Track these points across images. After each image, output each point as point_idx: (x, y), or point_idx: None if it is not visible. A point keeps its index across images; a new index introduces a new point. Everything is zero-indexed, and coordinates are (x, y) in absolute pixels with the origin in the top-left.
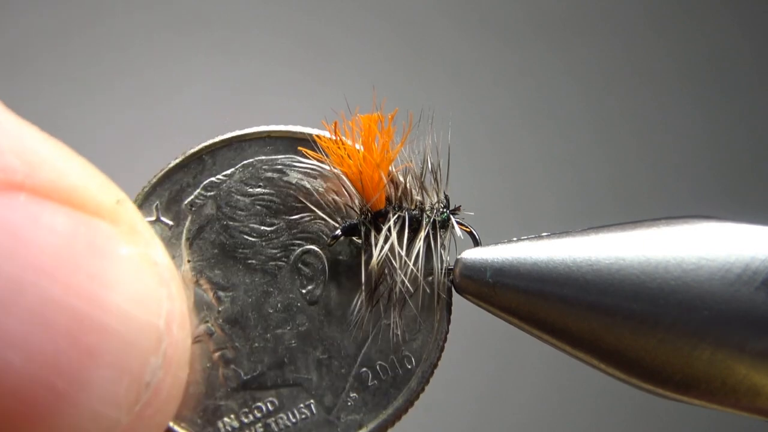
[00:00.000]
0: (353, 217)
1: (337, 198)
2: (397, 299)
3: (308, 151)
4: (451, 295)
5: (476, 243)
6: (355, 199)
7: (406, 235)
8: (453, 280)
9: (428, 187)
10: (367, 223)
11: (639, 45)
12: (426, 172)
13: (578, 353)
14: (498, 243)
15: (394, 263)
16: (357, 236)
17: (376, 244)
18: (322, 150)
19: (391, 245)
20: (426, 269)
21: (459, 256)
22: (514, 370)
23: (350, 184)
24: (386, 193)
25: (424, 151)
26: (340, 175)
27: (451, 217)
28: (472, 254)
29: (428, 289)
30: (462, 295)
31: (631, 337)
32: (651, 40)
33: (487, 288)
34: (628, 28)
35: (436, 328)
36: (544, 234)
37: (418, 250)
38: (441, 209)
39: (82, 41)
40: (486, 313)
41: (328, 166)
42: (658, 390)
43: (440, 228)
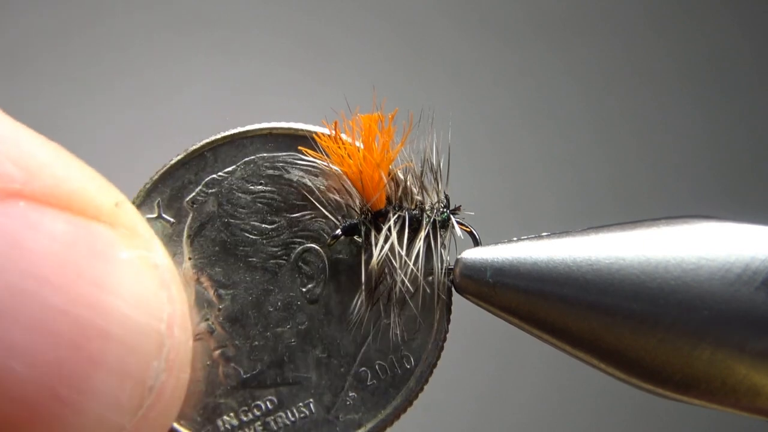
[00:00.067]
0: (353, 216)
1: (338, 197)
2: (396, 299)
3: (308, 151)
4: (451, 295)
5: (476, 243)
6: (356, 199)
7: (406, 235)
8: (453, 280)
9: (428, 187)
10: (367, 223)
11: (639, 45)
12: (426, 172)
13: (578, 353)
14: (498, 243)
15: (394, 263)
16: (357, 236)
17: (376, 244)
18: (322, 149)
19: (391, 245)
20: (426, 269)
21: (459, 256)
22: (514, 370)
23: (350, 184)
24: (386, 193)
25: (424, 151)
26: (340, 175)
27: (451, 217)
28: (472, 254)
29: (428, 289)
30: (462, 295)
31: (631, 337)
32: (651, 40)
33: (487, 288)
34: (628, 28)
35: (436, 328)
36: (544, 234)
37: (418, 249)
38: (441, 209)
39: (82, 41)
40: (486, 313)
41: (329, 164)
42: (658, 390)
43: (440, 228)
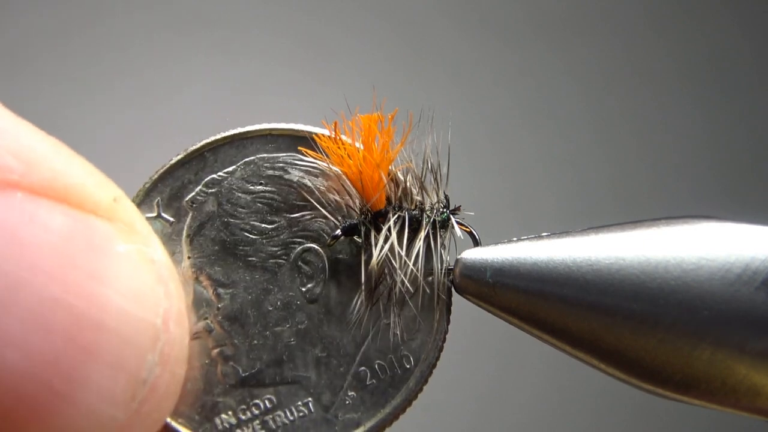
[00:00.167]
0: (353, 216)
1: (338, 198)
2: (396, 299)
3: (308, 151)
4: (450, 296)
5: (476, 243)
6: (355, 199)
7: (406, 235)
8: (453, 280)
9: (428, 187)
10: (367, 223)
11: (639, 45)
12: (426, 172)
13: (578, 353)
14: (498, 243)
15: (394, 263)
16: (357, 236)
17: (376, 244)
18: (322, 150)
19: (391, 245)
20: (426, 269)
21: (459, 256)
22: (514, 370)
23: (350, 184)
24: (386, 193)
25: (424, 151)
26: (340, 175)
27: (451, 217)
28: (472, 254)
29: (428, 289)
30: (462, 295)
31: (631, 337)
32: (651, 40)
33: (487, 288)
34: (628, 28)
35: (436, 328)
36: (544, 234)
37: (418, 250)
38: (441, 209)
39: (82, 41)
40: (486, 313)
41: (329, 165)
42: (658, 390)
43: (440, 228)
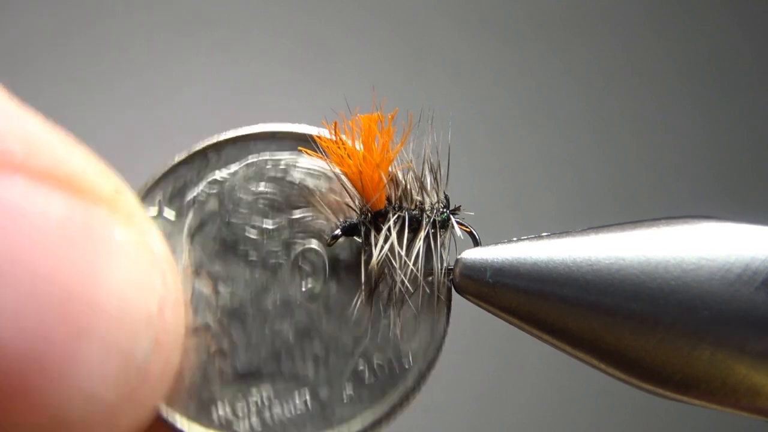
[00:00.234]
0: (353, 216)
1: (339, 198)
2: (396, 299)
3: (310, 152)
4: (450, 296)
5: (476, 243)
6: (355, 199)
7: (406, 235)
8: (453, 280)
9: (428, 187)
10: (367, 223)
11: (639, 45)
12: (426, 172)
13: (578, 353)
14: (498, 243)
15: (394, 263)
16: (357, 236)
17: (376, 244)
18: (323, 150)
19: (391, 245)
20: (426, 269)
21: (459, 256)
22: (514, 370)
23: (350, 184)
24: (386, 193)
25: (424, 151)
26: (340, 175)
27: (451, 217)
28: (472, 254)
29: (428, 289)
30: (462, 295)
31: (631, 337)
32: (651, 40)
33: (487, 288)
34: (628, 28)
35: (435, 328)
36: (544, 234)
37: (418, 250)
38: (441, 209)
39: (82, 41)
40: (486, 313)
41: (330, 166)
42: (658, 390)
43: (440, 228)
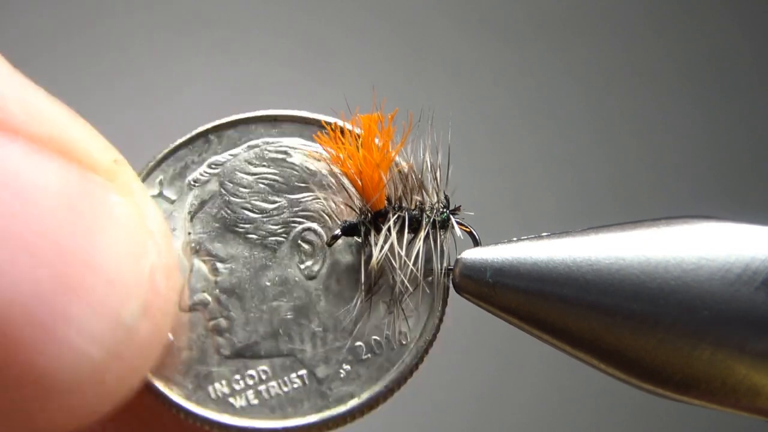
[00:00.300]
0: (353, 216)
1: (338, 183)
2: (397, 299)
3: (319, 137)
4: (447, 293)
5: (476, 243)
6: (355, 199)
7: (406, 235)
8: (453, 280)
9: (428, 187)
10: (367, 223)
11: (639, 45)
12: (426, 172)
13: (578, 353)
14: (498, 243)
15: (394, 263)
16: (357, 236)
17: (376, 244)
18: (324, 145)
19: (391, 245)
20: (426, 269)
21: (459, 256)
22: (514, 370)
23: (350, 184)
24: (386, 193)
25: (424, 151)
26: (340, 175)
27: (451, 217)
28: (472, 254)
29: (428, 290)
30: (462, 295)
31: (631, 337)
32: (651, 40)
33: (487, 288)
34: (628, 28)
35: (434, 307)
36: (544, 234)
37: (418, 250)
38: (441, 209)
39: (82, 41)
40: (486, 313)
41: (330, 166)
42: (658, 390)
43: (440, 228)
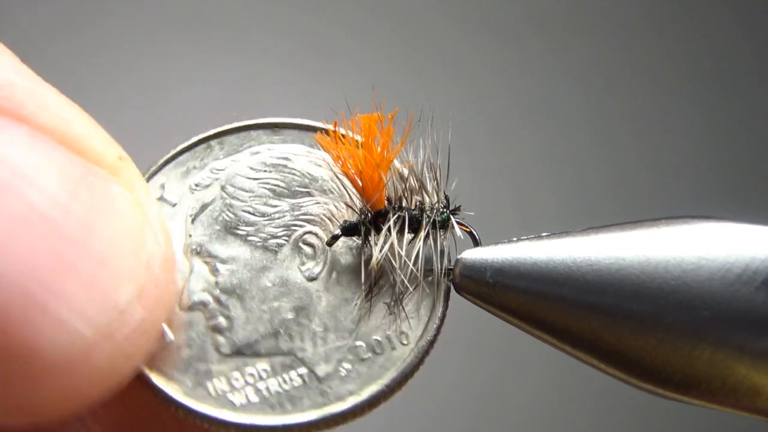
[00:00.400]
0: (353, 216)
1: (340, 187)
2: (397, 299)
3: (321, 140)
4: (448, 296)
5: (476, 243)
6: (355, 199)
7: (406, 235)
8: (453, 280)
9: (428, 187)
10: (367, 223)
11: (639, 45)
12: (426, 172)
13: (578, 353)
14: (498, 243)
15: (394, 263)
16: (357, 236)
17: (376, 244)
18: (326, 145)
19: (391, 245)
20: (426, 269)
21: (459, 256)
22: (514, 370)
23: (350, 184)
24: (386, 193)
25: (424, 151)
26: (340, 175)
27: (451, 217)
28: (472, 254)
29: (428, 290)
30: (462, 295)
31: (631, 337)
32: (651, 40)
33: (487, 288)
34: (628, 28)
35: (435, 307)
36: (544, 234)
37: (418, 250)
38: (441, 209)
39: (82, 40)
40: (486, 313)
41: (331, 167)
42: (658, 390)
43: (440, 228)
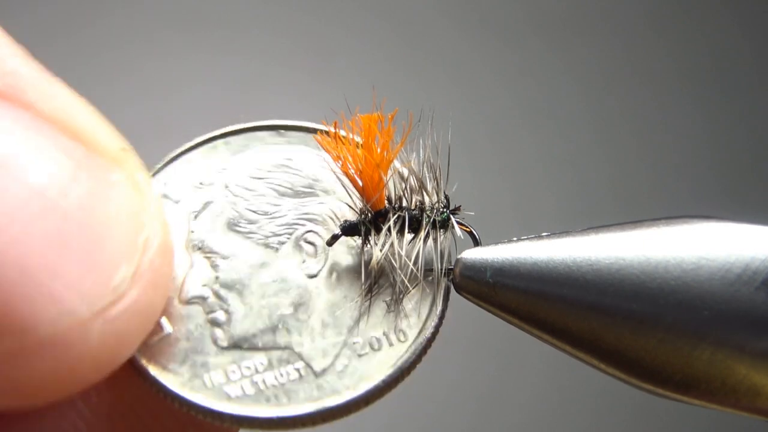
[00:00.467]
0: (353, 216)
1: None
2: (397, 298)
3: (320, 141)
4: (448, 296)
5: (476, 243)
6: (355, 199)
7: (406, 235)
8: (453, 280)
9: (428, 187)
10: (367, 223)
11: (639, 45)
12: (426, 172)
13: (578, 353)
14: (498, 243)
15: (394, 263)
16: (357, 236)
17: (376, 244)
18: (328, 146)
19: (391, 245)
20: (426, 269)
21: (459, 256)
22: (514, 370)
23: (350, 184)
24: (386, 193)
25: (424, 151)
26: (340, 175)
27: (451, 217)
28: (472, 254)
29: (428, 290)
30: (462, 295)
31: (631, 337)
32: (651, 40)
33: (487, 288)
34: (628, 28)
35: (434, 304)
36: (544, 234)
37: (418, 249)
38: (441, 209)
39: (82, 40)
40: (486, 313)
41: (335, 162)
42: (658, 390)
43: (440, 228)
